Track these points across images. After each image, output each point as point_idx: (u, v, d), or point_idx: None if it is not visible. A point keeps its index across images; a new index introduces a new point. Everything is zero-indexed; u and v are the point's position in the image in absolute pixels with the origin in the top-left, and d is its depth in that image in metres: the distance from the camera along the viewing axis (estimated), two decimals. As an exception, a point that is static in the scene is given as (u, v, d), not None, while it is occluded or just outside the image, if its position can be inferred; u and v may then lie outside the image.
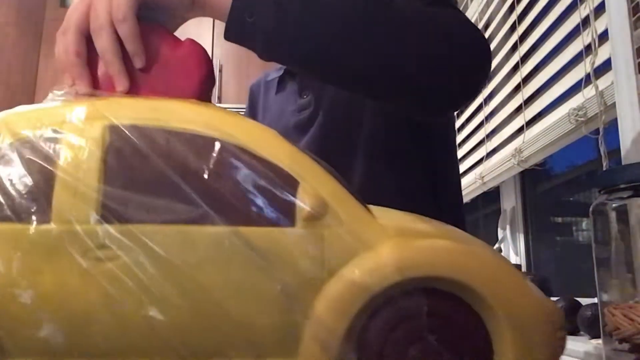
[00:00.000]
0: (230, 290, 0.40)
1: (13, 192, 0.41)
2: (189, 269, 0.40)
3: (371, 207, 0.46)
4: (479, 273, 0.41)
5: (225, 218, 0.41)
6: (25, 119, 0.44)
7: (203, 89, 0.49)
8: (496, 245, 1.73)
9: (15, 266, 0.40)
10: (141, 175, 0.42)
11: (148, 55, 0.49)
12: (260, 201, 0.42)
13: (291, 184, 0.42)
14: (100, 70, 0.50)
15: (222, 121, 0.45)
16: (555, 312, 0.43)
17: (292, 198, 0.42)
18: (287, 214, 0.41)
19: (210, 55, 0.51)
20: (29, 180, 0.41)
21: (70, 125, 0.43)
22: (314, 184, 0.43)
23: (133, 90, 0.48)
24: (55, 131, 0.43)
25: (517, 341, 0.41)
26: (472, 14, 1.79)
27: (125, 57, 0.49)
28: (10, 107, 0.47)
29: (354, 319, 0.40)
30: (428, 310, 0.41)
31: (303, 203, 0.42)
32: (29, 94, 2.83)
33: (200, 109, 0.46)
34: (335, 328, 0.40)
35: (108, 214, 0.41)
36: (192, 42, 0.50)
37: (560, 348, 0.43)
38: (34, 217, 0.40)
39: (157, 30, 0.50)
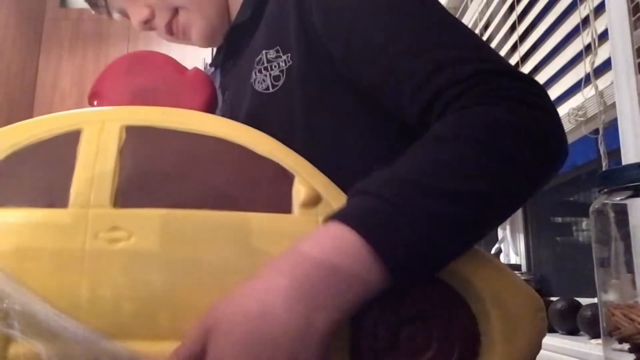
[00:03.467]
0: (233, 270, 0.43)
1: (36, 181, 0.45)
2: (194, 249, 0.43)
3: None
4: (465, 259, 0.44)
5: (229, 204, 0.45)
6: (50, 121, 0.48)
7: (207, 109, 0.54)
8: (496, 245, 1.73)
9: (32, 247, 0.42)
10: (153, 166, 0.46)
11: (160, 81, 0.53)
12: (260, 191, 0.46)
13: (287, 177, 0.47)
14: None
15: (225, 125, 0.50)
16: (534, 295, 0.46)
17: (288, 189, 0.46)
18: (284, 202, 0.46)
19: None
20: (51, 171, 0.45)
21: (91, 125, 0.47)
22: (308, 178, 0.47)
23: None
24: (77, 130, 0.47)
25: (502, 321, 0.43)
26: (472, 13, 1.79)
27: (132, 76, 0.53)
28: (10, 107, 0.49)
29: None
30: (417, 294, 0.43)
31: (298, 192, 0.46)
32: (29, 94, 2.83)
33: (206, 115, 0.51)
34: None
35: (121, 199, 0.44)
36: (198, 69, 0.56)
37: (542, 329, 0.45)
38: (53, 202, 0.44)
39: (166, 57, 0.56)
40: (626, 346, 0.54)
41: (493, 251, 1.72)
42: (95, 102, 0.54)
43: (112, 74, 0.55)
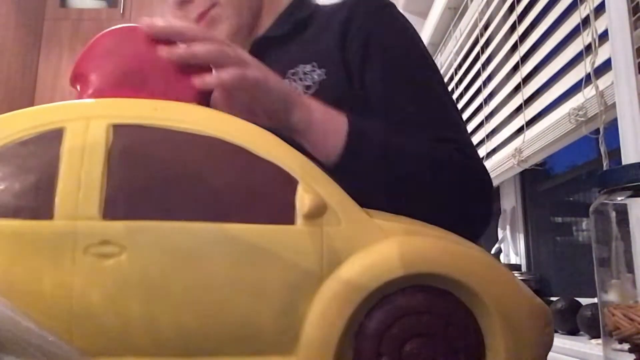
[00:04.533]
0: (231, 286, 0.41)
1: (16, 189, 0.41)
2: (190, 266, 0.40)
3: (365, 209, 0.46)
4: (473, 271, 0.43)
5: (226, 215, 0.42)
6: (29, 117, 0.44)
7: (202, 94, 0.49)
8: (496, 245, 1.73)
9: (16, 262, 0.40)
10: (144, 173, 0.42)
11: (148, 60, 0.48)
12: (260, 199, 0.43)
13: (290, 183, 0.43)
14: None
15: (222, 122, 0.45)
16: (544, 309, 0.45)
17: (291, 197, 0.43)
18: (286, 212, 0.42)
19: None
20: (32, 177, 0.42)
21: (75, 123, 0.43)
22: (313, 184, 0.43)
23: (133, 94, 0.47)
24: (59, 129, 0.43)
25: (508, 336, 0.42)
26: (472, 13, 1.79)
27: (119, 55, 0.48)
28: (10, 107, 0.46)
29: (352, 315, 0.41)
30: (424, 308, 0.42)
31: (302, 201, 0.42)
32: (29, 94, 2.83)
33: (201, 110, 0.47)
34: (334, 325, 0.41)
35: (111, 210, 0.41)
36: None
37: (549, 344, 0.45)
38: (37, 213, 0.40)
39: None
40: (626, 346, 0.54)
41: (493, 251, 1.72)
42: (78, 86, 0.49)
43: (97, 53, 0.49)
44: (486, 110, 1.64)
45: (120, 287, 0.40)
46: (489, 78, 1.66)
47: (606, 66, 1.01)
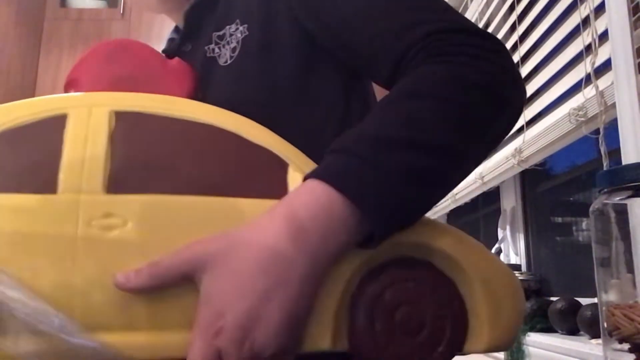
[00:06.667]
0: None
1: (19, 166, 0.43)
2: (190, 238, 0.42)
3: None
4: (451, 241, 0.46)
5: (224, 190, 0.44)
6: (32, 104, 0.46)
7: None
8: (496, 245, 1.73)
9: (19, 236, 0.41)
10: (146, 152, 0.45)
11: (140, 68, 0.51)
12: (255, 177, 0.46)
13: (282, 165, 0.46)
14: None
15: (216, 112, 0.48)
16: (512, 275, 0.48)
17: (283, 176, 0.46)
18: (280, 189, 0.45)
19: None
20: (36, 156, 0.43)
21: (78, 110, 0.45)
22: (301, 165, 0.47)
23: None
24: (62, 114, 0.45)
25: (489, 301, 0.45)
26: (472, 14, 1.79)
27: (112, 64, 0.51)
28: None
29: (345, 286, 0.43)
30: (409, 276, 0.45)
31: (294, 179, 0.46)
32: (29, 94, 2.83)
33: (196, 102, 0.49)
34: (328, 295, 0.43)
35: (115, 184, 0.43)
36: (180, 60, 0.55)
37: (523, 309, 0.48)
38: (40, 188, 0.42)
39: (147, 46, 0.54)
40: (626, 346, 0.54)
41: (493, 251, 1.72)
42: (72, 91, 0.51)
43: (91, 62, 0.52)
44: (486, 110, 1.64)
45: (122, 259, 0.41)
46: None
47: (606, 66, 1.01)
